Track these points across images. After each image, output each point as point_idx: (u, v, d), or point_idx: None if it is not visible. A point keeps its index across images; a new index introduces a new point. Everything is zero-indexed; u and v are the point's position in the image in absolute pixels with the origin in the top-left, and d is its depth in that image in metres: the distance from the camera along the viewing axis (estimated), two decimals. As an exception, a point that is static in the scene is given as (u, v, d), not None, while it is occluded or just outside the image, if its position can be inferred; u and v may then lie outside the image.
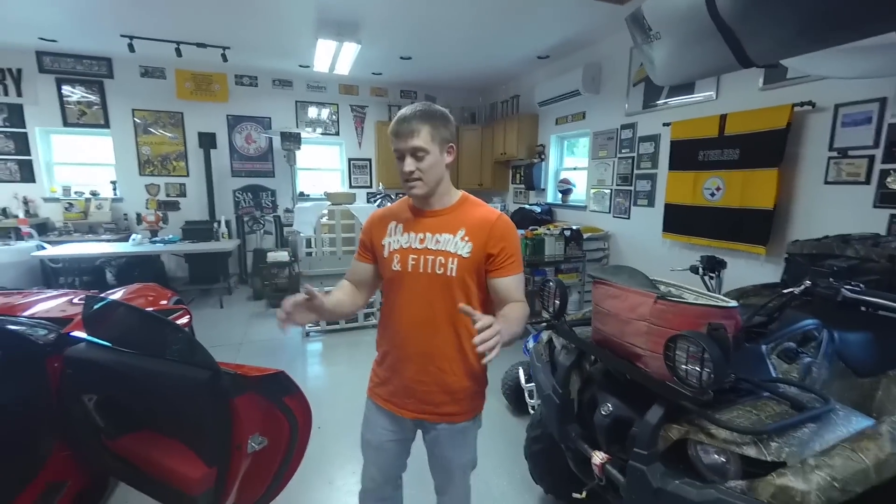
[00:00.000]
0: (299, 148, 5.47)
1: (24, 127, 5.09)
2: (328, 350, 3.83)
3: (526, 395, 2.57)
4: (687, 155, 3.41)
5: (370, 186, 6.61)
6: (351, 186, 6.54)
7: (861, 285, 1.30)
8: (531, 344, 2.60)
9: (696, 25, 1.38)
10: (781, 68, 2.72)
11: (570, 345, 1.51)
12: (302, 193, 6.11)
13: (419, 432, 1.32)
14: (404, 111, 1.12)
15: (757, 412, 1.03)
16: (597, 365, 1.46)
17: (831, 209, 2.64)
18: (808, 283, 1.35)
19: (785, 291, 1.40)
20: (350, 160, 6.54)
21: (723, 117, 3.13)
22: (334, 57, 4.55)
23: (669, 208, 3.63)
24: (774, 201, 2.83)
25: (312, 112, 6.20)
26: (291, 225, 5.09)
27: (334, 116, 6.32)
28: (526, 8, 3.57)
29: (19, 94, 5.00)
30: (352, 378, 3.16)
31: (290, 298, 1.10)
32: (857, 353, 1.37)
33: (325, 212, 4.09)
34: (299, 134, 5.44)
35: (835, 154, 2.61)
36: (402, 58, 5.05)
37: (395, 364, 1.25)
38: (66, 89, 5.17)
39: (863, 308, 1.35)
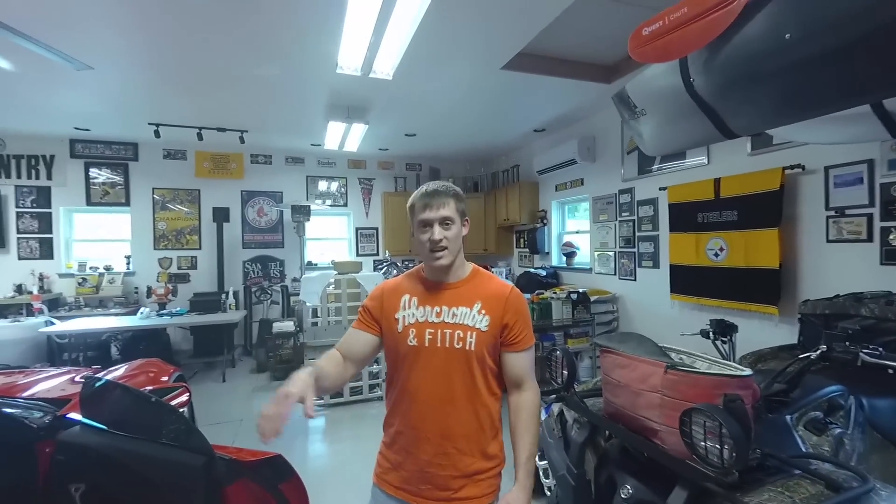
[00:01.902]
0: (308, 219, 5.66)
1: (50, 207, 5.37)
2: (331, 425, 3.65)
3: (541, 474, 2.38)
4: (686, 217, 3.48)
5: (377, 254, 6.72)
6: (358, 255, 6.66)
7: (880, 348, 1.25)
8: (543, 416, 2.47)
9: (677, 103, 1.48)
10: (767, 135, 2.85)
11: (583, 418, 1.44)
12: (310, 262, 6.21)
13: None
14: (430, 186, 1.19)
15: (790, 494, 0.95)
16: (612, 441, 1.38)
17: (838, 267, 2.62)
18: (823, 347, 1.31)
19: (802, 356, 1.35)
20: (357, 229, 6.72)
21: (717, 181, 3.23)
22: (343, 136, 4.86)
23: (675, 269, 3.63)
24: (779, 260, 2.82)
25: (322, 185, 6.50)
26: (298, 294, 5.11)
27: (343, 189, 6.62)
28: (520, 90, 3.87)
29: (49, 178, 5.34)
30: (355, 457, 2.98)
31: (270, 410, 0.90)
32: (892, 422, 1.28)
33: (332, 281, 4.12)
34: (309, 206, 5.66)
35: (832, 213, 2.64)
36: (406, 135, 5.39)
37: (408, 446, 1.17)
38: (93, 171, 5.52)
39: (890, 371, 1.29)
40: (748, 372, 1.05)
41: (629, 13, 2.70)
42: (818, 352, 1.31)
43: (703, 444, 0.95)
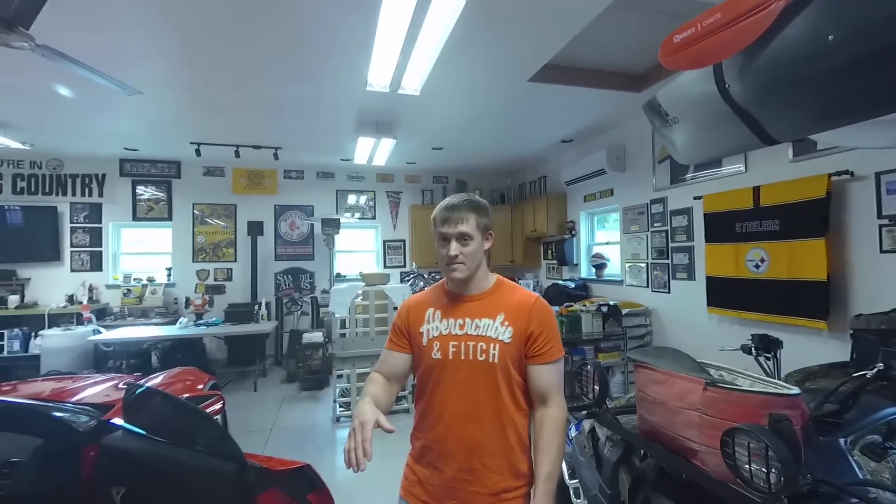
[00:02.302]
0: (338, 232, 5.80)
1: (100, 222, 5.73)
2: (359, 437, 3.66)
3: (571, 493, 2.30)
4: (723, 227, 3.34)
5: (404, 266, 6.79)
6: (385, 267, 6.74)
7: (946, 368, 1.15)
8: (573, 433, 2.40)
9: (712, 110, 1.43)
10: (810, 141, 2.72)
11: (616, 436, 1.38)
12: (339, 274, 6.34)
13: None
14: (452, 200, 1.19)
15: (847, 525, 0.88)
16: (647, 460, 1.32)
17: (894, 279, 2.44)
18: (881, 365, 1.21)
19: (856, 374, 1.26)
20: (385, 241, 6.82)
21: (756, 189, 3.09)
22: (372, 151, 4.98)
23: (712, 281, 3.48)
24: (827, 272, 2.66)
25: (351, 199, 6.65)
26: (328, 306, 5.21)
27: (371, 202, 6.75)
28: (547, 101, 3.86)
29: (101, 195, 5.72)
30: (383, 470, 2.96)
31: (358, 439, 0.92)
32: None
33: (360, 293, 4.18)
34: (339, 220, 5.80)
35: (886, 222, 2.48)
36: (433, 148, 5.46)
37: (434, 460, 1.16)
38: (139, 189, 5.87)
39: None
40: (796, 391, 0.99)
41: (658, 21, 2.66)
42: (875, 370, 1.22)
43: (747, 466, 0.90)
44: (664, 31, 1.37)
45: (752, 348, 2.03)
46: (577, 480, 2.25)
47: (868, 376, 1.23)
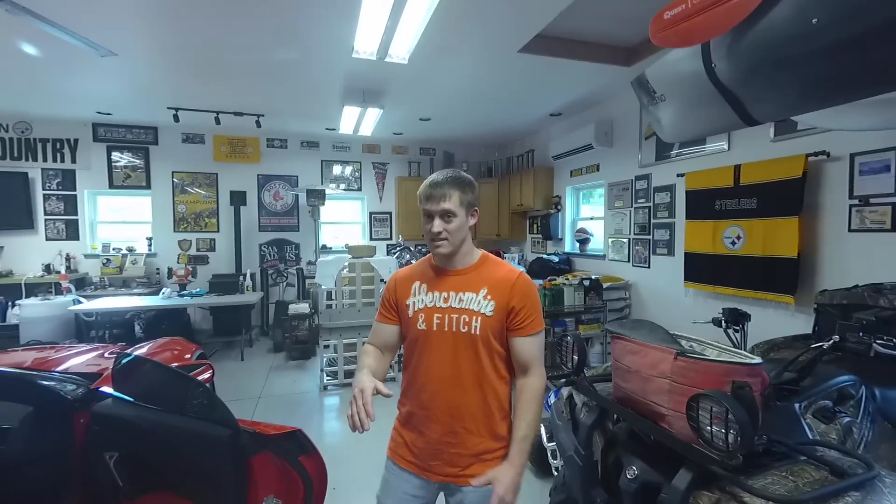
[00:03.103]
0: (323, 204, 5.72)
1: (75, 190, 5.53)
2: (346, 405, 3.74)
3: (549, 455, 2.44)
4: (703, 204, 3.42)
5: (390, 238, 6.78)
6: (371, 239, 6.72)
7: (894, 339, 1.24)
8: (552, 400, 2.52)
9: (698, 89, 1.46)
10: (791, 121, 2.77)
11: (592, 402, 1.47)
12: (324, 246, 6.30)
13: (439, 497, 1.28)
14: (436, 176, 1.20)
15: (794, 479, 0.97)
16: (620, 424, 1.40)
17: (859, 257, 2.57)
18: (836, 337, 1.30)
19: (814, 346, 1.35)
20: (371, 213, 6.77)
21: (737, 168, 3.16)
22: (358, 120, 4.87)
23: (690, 257, 3.59)
24: (798, 249, 2.78)
25: (337, 170, 6.54)
26: (314, 277, 5.21)
27: (357, 173, 6.65)
28: (537, 73, 3.81)
29: (73, 161, 5.49)
30: (370, 435, 3.06)
31: (360, 403, 1.04)
32: (904, 413, 1.28)
33: (346, 265, 4.19)
34: (324, 191, 5.71)
35: (856, 202, 2.58)
36: (421, 119, 5.37)
37: (419, 424, 1.23)
38: (115, 155, 5.65)
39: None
40: (757, 360, 1.06)
41: (651, -6, 2.63)
42: (831, 342, 1.31)
43: (708, 428, 0.97)
44: (657, 3, 1.37)
45: (722, 321, 2.12)
46: (554, 443, 2.38)
47: (825, 347, 1.32)
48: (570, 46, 3.45)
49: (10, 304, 4.88)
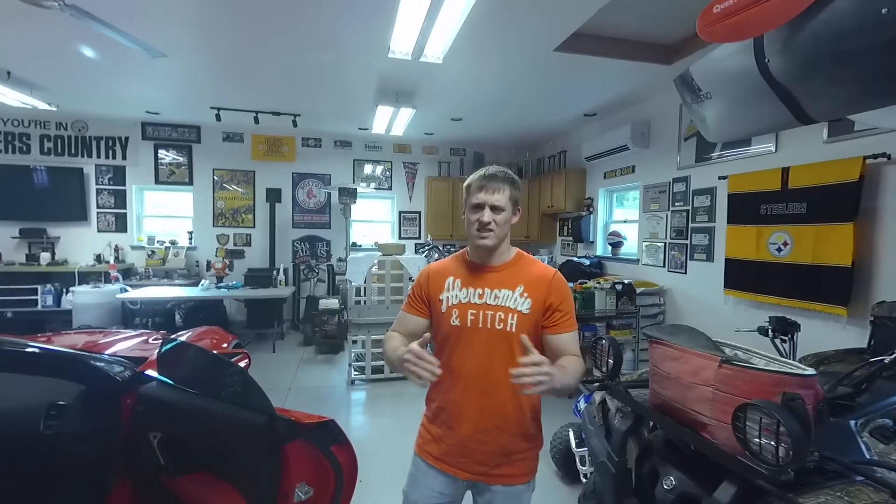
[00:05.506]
0: (355, 202, 5.83)
1: (124, 185, 5.86)
2: (372, 400, 3.82)
3: (577, 460, 2.39)
4: (747, 209, 3.27)
5: (419, 238, 6.82)
6: (400, 237, 6.79)
7: (967, 356, 1.14)
8: (582, 405, 2.46)
9: (748, 86, 1.39)
10: (848, 121, 2.61)
11: (626, 408, 1.43)
12: (354, 244, 6.42)
13: (466, 496, 1.27)
14: (490, 169, 1.22)
15: (850, 499, 0.91)
16: (657, 432, 1.36)
17: (923, 268, 2.39)
18: (900, 351, 1.21)
19: (873, 360, 1.26)
20: (401, 213, 6.84)
21: (785, 170, 3.00)
22: (391, 120, 4.93)
23: (731, 263, 3.43)
24: (852, 258, 2.60)
25: (368, 169, 6.65)
26: (343, 274, 5.31)
27: (388, 172, 6.73)
28: (573, 72, 3.74)
29: (124, 158, 5.82)
30: (396, 431, 3.11)
31: (416, 359, 1.02)
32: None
33: (376, 262, 4.25)
34: (356, 189, 5.82)
35: (920, 208, 2.40)
36: (452, 119, 5.38)
37: (449, 421, 1.22)
38: (161, 153, 5.95)
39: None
40: (811, 371, 1.00)
41: (696, -11, 2.53)
42: (893, 356, 1.22)
43: (757, 440, 0.93)
44: (702, 1, 1.31)
45: (769, 330, 2.03)
46: (584, 449, 2.33)
47: (886, 362, 1.23)
48: (608, 44, 3.36)
49: (64, 290, 5.22)
